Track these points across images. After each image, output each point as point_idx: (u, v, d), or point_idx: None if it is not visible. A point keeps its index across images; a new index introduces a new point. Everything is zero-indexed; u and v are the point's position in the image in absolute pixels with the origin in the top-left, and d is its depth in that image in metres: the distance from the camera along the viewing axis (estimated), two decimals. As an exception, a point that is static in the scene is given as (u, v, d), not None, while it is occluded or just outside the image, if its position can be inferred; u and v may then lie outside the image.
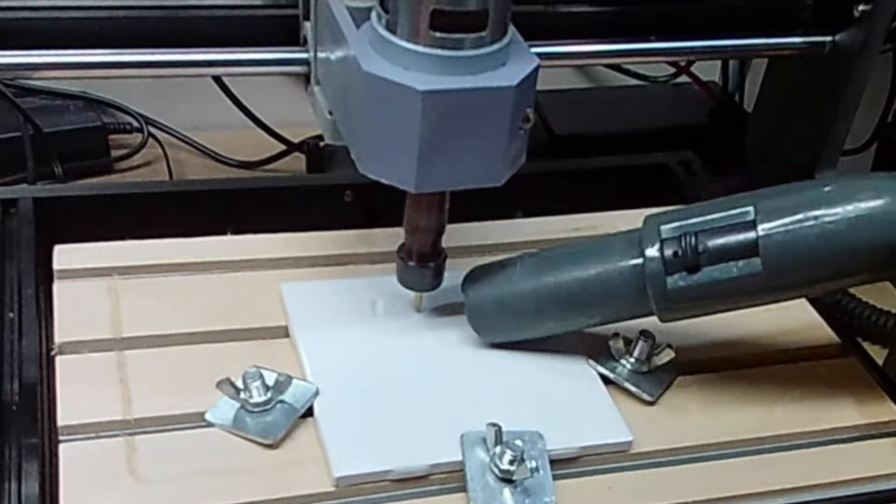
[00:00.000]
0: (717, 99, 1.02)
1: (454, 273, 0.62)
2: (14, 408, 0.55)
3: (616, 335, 0.61)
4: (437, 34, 0.49)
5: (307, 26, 0.64)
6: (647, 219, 0.57)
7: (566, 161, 0.86)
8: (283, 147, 0.97)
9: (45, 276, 0.63)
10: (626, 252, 0.57)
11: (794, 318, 0.67)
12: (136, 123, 0.97)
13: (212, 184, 0.78)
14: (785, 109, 0.82)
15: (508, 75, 0.51)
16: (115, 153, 0.95)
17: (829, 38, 0.76)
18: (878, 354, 0.68)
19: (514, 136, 0.53)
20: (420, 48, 0.50)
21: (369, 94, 0.50)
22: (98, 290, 0.62)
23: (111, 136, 0.95)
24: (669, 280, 0.55)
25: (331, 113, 0.60)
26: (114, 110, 0.98)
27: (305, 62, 0.65)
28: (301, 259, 0.67)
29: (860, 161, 1.05)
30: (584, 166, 0.81)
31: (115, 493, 0.51)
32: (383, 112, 0.50)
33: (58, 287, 0.62)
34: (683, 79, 1.04)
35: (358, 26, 0.54)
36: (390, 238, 0.67)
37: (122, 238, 0.67)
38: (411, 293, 0.62)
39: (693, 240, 0.54)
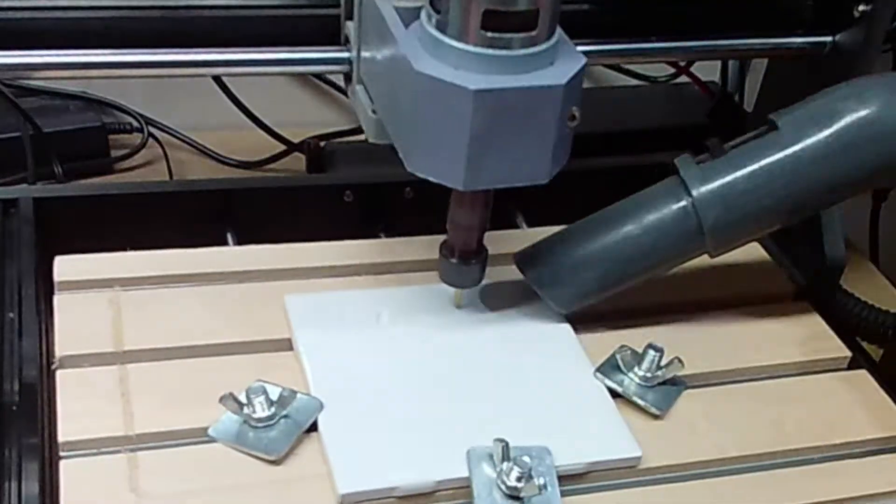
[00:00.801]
0: (717, 99, 1.02)
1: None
2: (14, 408, 0.55)
3: (624, 347, 0.61)
4: (489, 34, 0.50)
5: (349, 26, 0.64)
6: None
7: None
8: (283, 147, 0.97)
9: (44, 276, 0.63)
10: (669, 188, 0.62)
11: (804, 331, 0.67)
12: (136, 123, 0.97)
13: (212, 184, 0.78)
14: (785, 109, 0.82)
15: (557, 74, 0.52)
16: (115, 153, 0.95)
17: (829, 38, 0.76)
18: (878, 354, 0.68)
19: (561, 134, 0.53)
20: (471, 47, 0.50)
21: (420, 93, 0.51)
22: (99, 302, 0.62)
23: (111, 136, 0.95)
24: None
25: (374, 112, 0.60)
26: (114, 110, 0.98)
27: (347, 62, 0.65)
28: (305, 270, 0.66)
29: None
30: (585, 166, 0.81)
31: None
32: (434, 111, 0.51)
33: (58, 299, 0.61)
34: (683, 79, 1.04)
35: (406, 26, 0.54)
36: (395, 249, 0.67)
37: (121, 239, 0.66)
38: (417, 305, 0.63)
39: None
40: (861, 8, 0.72)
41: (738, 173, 0.60)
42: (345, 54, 0.65)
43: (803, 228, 0.68)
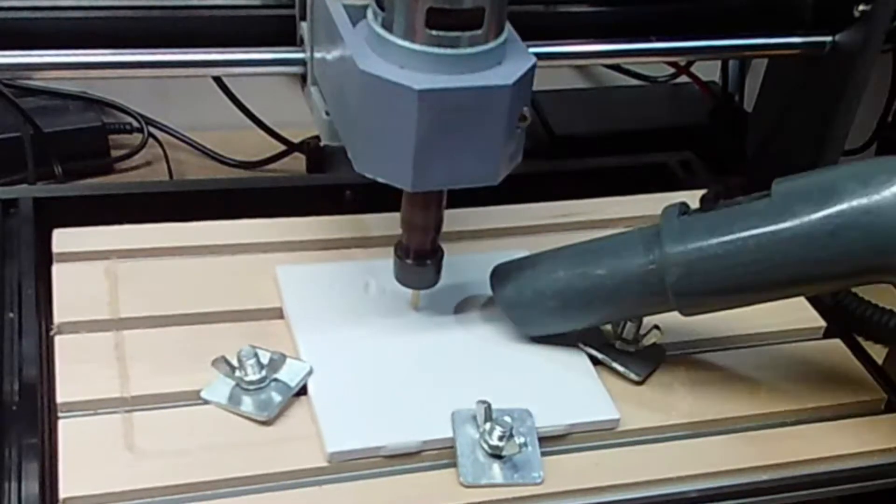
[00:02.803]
0: (717, 99, 1.02)
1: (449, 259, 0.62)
2: (14, 408, 0.55)
3: None
4: (434, 32, 0.49)
5: (304, 26, 0.64)
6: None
7: (566, 161, 0.86)
8: (283, 147, 0.97)
9: (44, 275, 0.63)
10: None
11: (781, 302, 0.67)
12: (136, 123, 0.97)
13: (212, 184, 0.79)
14: (785, 109, 0.82)
15: (505, 74, 0.51)
16: (115, 153, 0.95)
17: (829, 38, 0.76)
18: (879, 354, 0.68)
19: (510, 135, 0.52)
20: (416, 46, 0.50)
21: (365, 92, 0.50)
22: (96, 272, 0.63)
23: (111, 136, 0.95)
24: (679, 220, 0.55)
25: (327, 113, 0.60)
26: (114, 110, 0.98)
27: (302, 62, 0.65)
28: (296, 243, 0.67)
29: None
30: (584, 166, 0.81)
31: (112, 467, 0.51)
32: (379, 111, 0.50)
33: (57, 269, 0.63)
34: (684, 79, 1.04)
35: (354, 24, 0.54)
36: (383, 223, 0.68)
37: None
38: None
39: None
40: (861, 8, 0.72)
41: (713, 239, 0.54)
42: (299, 55, 0.65)
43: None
